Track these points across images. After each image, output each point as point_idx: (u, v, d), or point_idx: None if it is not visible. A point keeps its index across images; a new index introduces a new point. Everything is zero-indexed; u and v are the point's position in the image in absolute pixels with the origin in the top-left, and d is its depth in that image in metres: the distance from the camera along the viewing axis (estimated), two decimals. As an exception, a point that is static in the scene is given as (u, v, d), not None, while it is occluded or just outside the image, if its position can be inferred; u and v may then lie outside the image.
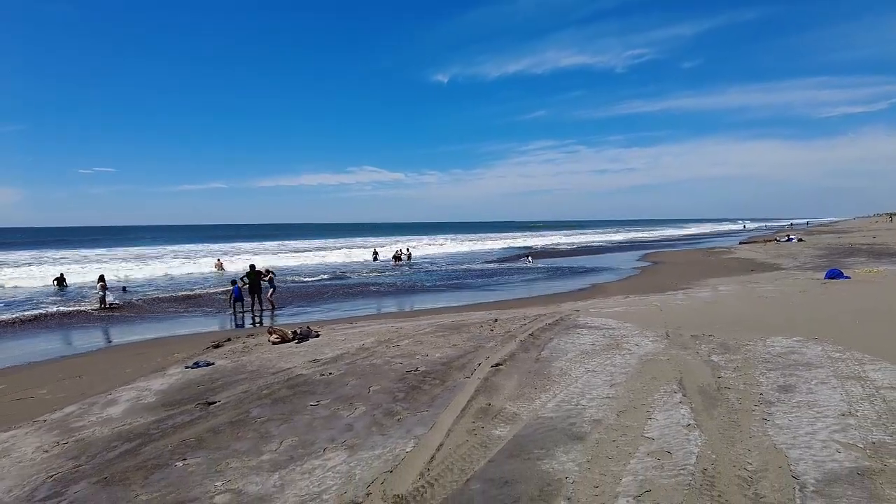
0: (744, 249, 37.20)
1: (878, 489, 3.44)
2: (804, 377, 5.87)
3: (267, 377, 7.68)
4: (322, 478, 4.33)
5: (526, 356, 7.45)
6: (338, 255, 40.76)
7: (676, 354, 7.02)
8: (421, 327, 10.85)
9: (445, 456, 4.47)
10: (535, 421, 5.04)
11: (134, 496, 4.36)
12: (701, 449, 4.17)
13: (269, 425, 5.69)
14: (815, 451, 4.06)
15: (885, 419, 4.58)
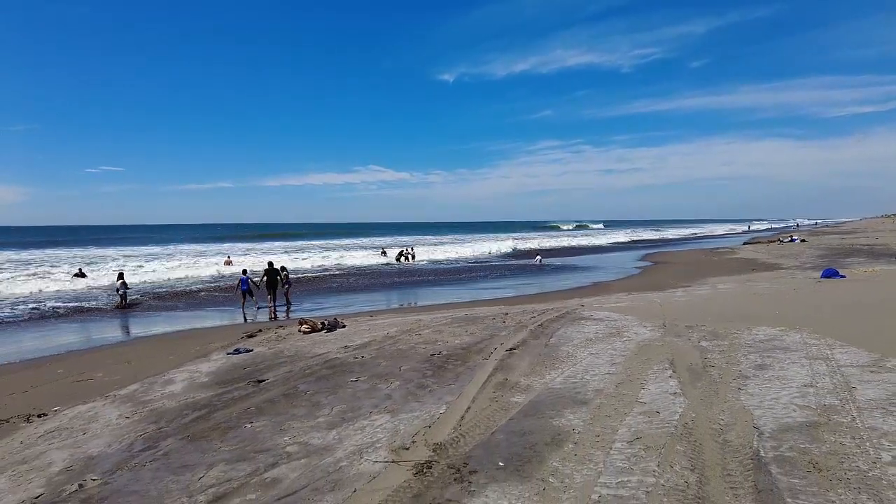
0: (747, 250, 38.00)
1: (819, 435, 4.37)
2: (779, 358, 6.78)
3: (306, 360, 8.64)
4: (373, 432, 5.29)
5: (536, 342, 8.38)
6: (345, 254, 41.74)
7: (670, 341, 7.94)
8: (437, 319, 11.79)
9: (473, 416, 5.42)
10: (546, 391, 5.99)
11: (217, 448, 5.33)
12: (684, 410, 5.10)
13: (318, 396, 6.65)
14: (776, 411, 4.98)
15: (839, 389, 5.49)
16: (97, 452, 5.51)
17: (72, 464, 5.28)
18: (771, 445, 4.28)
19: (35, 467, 5.28)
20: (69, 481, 4.87)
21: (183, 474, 4.76)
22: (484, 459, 4.40)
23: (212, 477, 4.65)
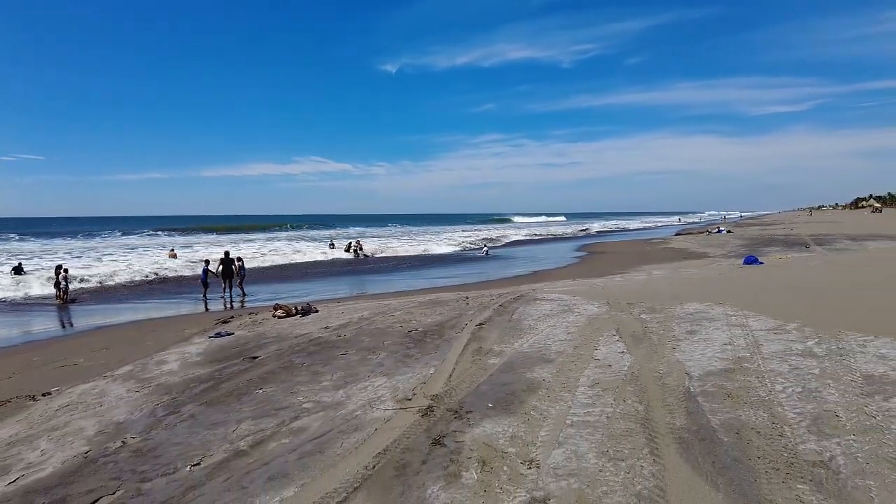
0: (678, 240, 40.76)
1: (733, 376, 5.65)
2: (705, 326, 8.14)
3: (291, 340, 9.40)
4: (375, 390, 6.21)
5: (501, 319, 9.48)
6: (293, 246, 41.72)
7: (615, 315, 9.21)
8: (405, 304, 12.72)
9: (459, 374, 6.44)
10: (517, 354, 7.08)
11: (238, 409, 6.10)
12: (630, 363, 6.30)
13: (315, 367, 7.49)
14: (702, 362, 6.26)
15: (749, 346, 6.85)
16: (123, 419, 6.16)
17: (103, 428, 5.92)
18: (698, 384, 5.52)
19: (68, 432, 5.88)
20: (110, 440, 5.54)
21: (216, 429, 5.54)
22: (475, 403, 5.43)
23: (244, 429, 5.45)
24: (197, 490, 4.24)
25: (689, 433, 4.44)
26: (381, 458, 4.43)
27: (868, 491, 3.48)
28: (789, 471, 3.77)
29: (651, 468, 3.89)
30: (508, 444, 4.45)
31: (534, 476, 3.91)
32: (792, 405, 4.91)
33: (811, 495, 3.46)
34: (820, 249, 26.40)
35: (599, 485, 3.71)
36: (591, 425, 4.68)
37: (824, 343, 6.86)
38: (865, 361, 6.06)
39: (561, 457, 4.16)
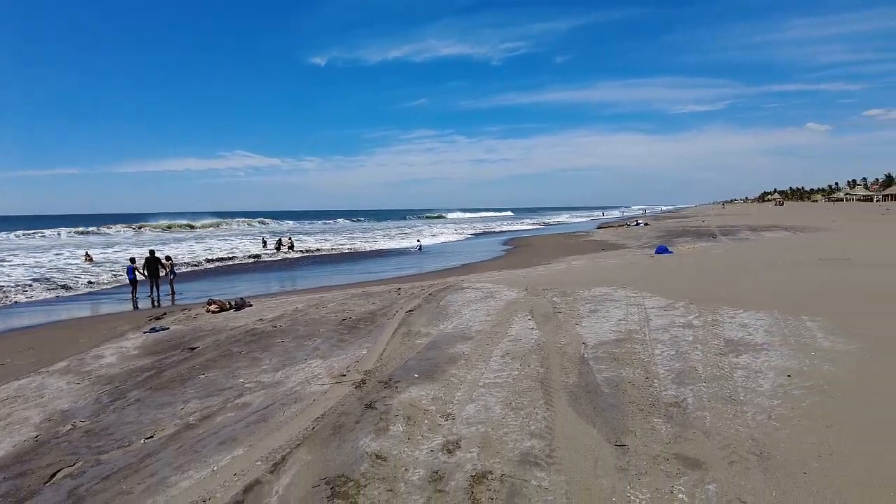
0: (599, 233, 43.08)
1: (622, 345, 6.70)
2: (607, 305, 9.25)
3: (227, 331, 9.79)
4: (312, 370, 6.84)
5: (429, 306, 10.27)
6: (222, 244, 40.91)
7: (530, 299, 10.20)
8: (338, 296, 13.27)
9: (389, 353, 7.17)
10: (441, 334, 7.88)
11: (183, 392, 6.57)
12: (538, 337, 7.24)
13: (254, 354, 7.99)
14: (599, 334, 7.29)
15: (640, 321, 7.97)
16: (68, 407, 6.47)
17: (49, 416, 6.23)
18: (591, 352, 6.51)
19: (13, 422, 6.15)
20: (58, 425, 5.89)
21: (164, 409, 6.00)
22: (403, 375, 6.18)
23: (191, 407, 5.96)
24: (153, 457, 4.76)
25: (578, 388, 5.38)
26: (319, 421, 5.10)
27: (704, 420, 4.49)
28: (650, 410, 4.76)
29: (544, 414, 4.77)
30: (430, 404, 5.23)
31: (449, 425, 4.70)
32: (664, 364, 5.96)
33: (662, 425, 4.44)
34: (724, 239, 28.91)
35: (502, 428, 4.55)
36: (499, 385, 5.53)
37: (702, 317, 8.08)
38: (730, 329, 7.28)
39: (473, 410, 4.98)
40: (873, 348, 6.15)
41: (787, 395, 4.95)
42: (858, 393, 4.93)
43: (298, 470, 4.16)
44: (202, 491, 3.97)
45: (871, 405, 4.64)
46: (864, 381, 5.19)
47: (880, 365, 5.63)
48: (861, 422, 4.35)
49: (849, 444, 3.98)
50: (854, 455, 3.83)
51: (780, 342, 6.61)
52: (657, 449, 4.05)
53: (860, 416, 4.44)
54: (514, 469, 3.88)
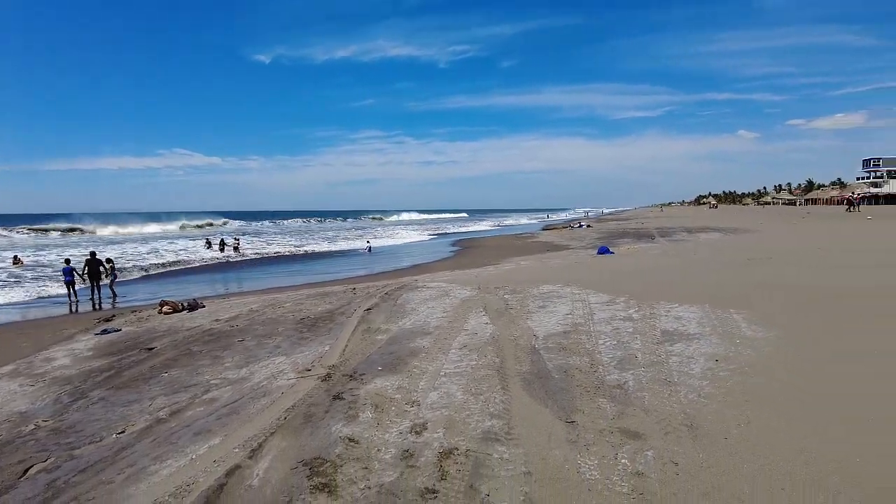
0: (545, 235, 44.34)
1: (569, 336, 7.25)
2: (554, 301, 9.84)
3: (184, 332, 9.80)
4: (276, 366, 7.06)
5: (386, 304, 10.59)
6: (164, 245, 39.69)
7: (483, 296, 10.69)
8: (293, 297, 13.38)
9: (351, 348, 7.47)
10: (401, 330, 8.24)
11: (149, 389, 6.66)
12: (492, 331, 7.71)
13: (215, 353, 8.11)
14: (547, 327, 7.83)
15: (585, 315, 8.57)
16: (25, 409, 6.44)
17: (7, 418, 6.20)
18: (542, 343, 7.04)
19: (-30, 423, 6.10)
20: (19, 426, 5.89)
21: (131, 406, 6.11)
22: (367, 368, 6.50)
23: (159, 403, 6.09)
24: (128, 450, 4.91)
25: (531, 375, 5.87)
26: (290, 412, 5.37)
27: (643, 399, 5.06)
28: (596, 392, 5.29)
29: (501, 398, 5.23)
30: (395, 393, 5.59)
31: (415, 411, 5.08)
32: (607, 352, 6.54)
33: (606, 404, 4.97)
34: (662, 240, 30.43)
35: (464, 411, 4.97)
36: (459, 374, 5.95)
37: (641, 310, 8.76)
38: (666, 322, 7.96)
39: (436, 397, 5.38)
40: (787, 336, 6.94)
41: (714, 377, 5.60)
42: (773, 373, 5.63)
43: (276, 455, 4.44)
44: (185, 476, 4.20)
45: (782, 383, 5.33)
46: (777, 364, 5.91)
47: (792, 350, 6.40)
48: (773, 396, 5.01)
49: (763, 415, 4.61)
50: (766, 423, 4.46)
51: (709, 332, 7.32)
52: (603, 424, 4.56)
53: (773, 392, 5.11)
54: (477, 445, 4.30)
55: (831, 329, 7.29)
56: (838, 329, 7.28)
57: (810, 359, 6.08)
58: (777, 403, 4.85)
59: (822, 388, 5.18)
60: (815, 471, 3.73)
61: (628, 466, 3.88)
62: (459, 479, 3.84)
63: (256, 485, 3.99)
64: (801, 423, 4.44)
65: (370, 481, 3.90)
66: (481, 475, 3.87)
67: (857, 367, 5.77)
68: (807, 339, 6.82)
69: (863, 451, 3.94)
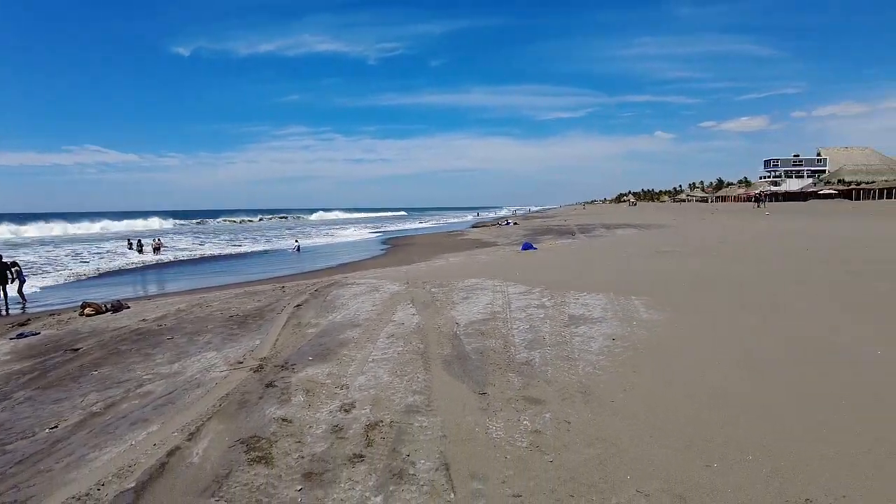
0: (474, 232, 45.47)
1: (488, 322, 7.93)
2: (477, 293, 10.52)
3: (109, 332, 9.73)
4: (208, 361, 7.29)
5: (316, 301, 10.92)
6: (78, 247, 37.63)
7: (412, 290, 11.24)
8: (220, 296, 13.39)
9: (282, 341, 7.81)
10: (331, 324, 8.64)
11: (78, 387, 6.73)
12: (418, 321, 8.27)
13: (145, 350, 8.20)
14: (469, 315, 8.48)
15: (504, 304, 9.30)
16: (-55, 411, 6.38)
17: (-74, 420, 6.13)
18: (463, 329, 7.67)
19: None
20: (-58, 426, 5.86)
21: (62, 403, 6.20)
22: (298, 359, 6.89)
23: (92, 398, 6.21)
24: (64, 441, 5.09)
25: (451, 357, 6.48)
26: (224, 399, 5.70)
27: (546, 373, 5.77)
28: (506, 368, 5.96)
29: (424, 377, 5.79)
30: (326, 378, 6.03)
31: (344, 393, 5.56)
32: (520, 335, 7.25)
33: (515, 378, 5.64)
34: (582, 236, 32.09)
35: (389, 390, 5.50)
36: (386, 360, 6.47)
37: (553, 299, 9.59)
38: (574, 308, 8.81)
39: (364, 380, 5.87)
40: (676, 318, 7.93)
41: (610, 353, 6.41)
42: (659, 349, 6.51)
43: (213, 436, 4.79)
44: (126, 459, 4.48)
45: (667, 356, 6.22)
46: (665, 341, 6.82)
47: (680, 329, 7.35)
48: (657, 368, 5.86)
49: (645, 382, 5.43)
50: (647, 389, 5.27)
51: (611, 316, 8.21)
52: (510, 394, 5.22)
53: (657, 364, 5.96)
54: (400, 417, 4.84)
55: (713, 311, 8.37)
56: (719, 310, 8.37)
57: (692, 336, 7.04)
58: (658, 373, 5.69)
59: (698, 360, 6.09)
60: (679, 422, 4.53)
61: (529, 426, 4.53)
62: (384, 445, 4.37)
63: (197, 462, 4.34)
64: (675, 388, 5.27)
65: (303, 452, 4.35)
66: (403, 440, 4.41)
67: (729, 341, 6.76)
68: (692, 320, 7.82)
69: (717, 406, 4.80)
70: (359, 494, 3.69)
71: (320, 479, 3.93)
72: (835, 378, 5.43)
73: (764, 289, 10.06)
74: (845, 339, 6.72)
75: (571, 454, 4.06)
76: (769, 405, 4.82)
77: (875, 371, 5.58)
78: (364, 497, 3.65)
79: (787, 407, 4.77)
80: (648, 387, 5.33)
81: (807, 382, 5.34)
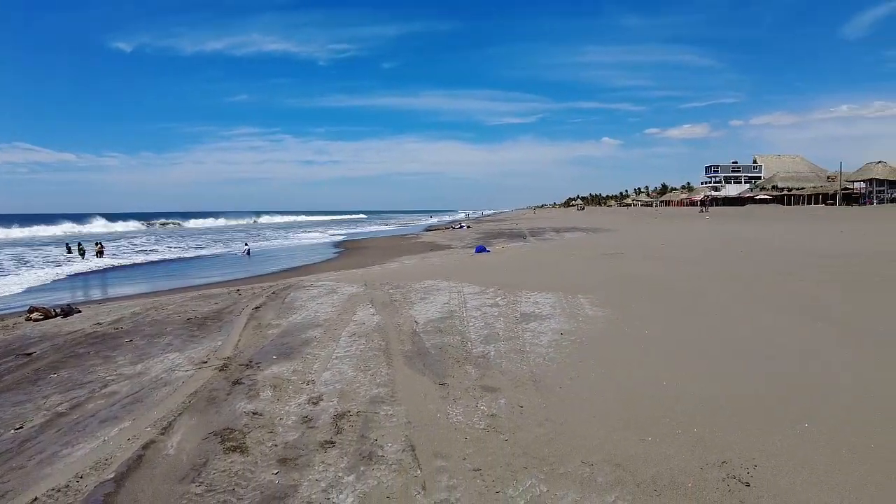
0: (427, 235, 45.93)
1: (445, 320, 8.35)
2: (433, 294, 10.93)
3: (63, 336, 9.61)
4: (172, 361, 7.41)
5: (274, 303, 11.08)
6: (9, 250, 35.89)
7: (370, 292, 11.54)
8: (175, 300, 13.30)
9: (244, 342, 8.00)
10: (291, 325, 8.87)
11: (38, 389, 6.74)
12: (378, 320, 8.61)
13: (104, 353, 8.20)
14: (427, 314, 8.88)
15: (459, 303, 9.74)
16: None
17: None
18: (422, 327, 8.06)
19: None
20: None
21: (23, 405, 6.21)
22: (262, 358, 7.12)
23: (55, 400, 6.26)
24: (32, 441, 5.18)
25: (412, 352, 6.86)
26: (193, 396, 5.89)
27: (500, 364, 6.23)
28: (464, 361, 6.39)
29: (386, 371, 6.15)
30: (292, 375, 6.31)
31: (311, 388, 5.85)
32: (476, 332, 7.70)
33: (472, 370, 6.08)
34: (532, 240, 33.01)
35: (354, 384, 5.83)
36: (349, 356, 6.79)
37: (506, 298, 10.10)
38: (525, 306, 9.33)
39: (329, 375, 6.18)
40: (617, 314, 8.56)
41: (558, 346, 6.94)
42: (601, 342, 7.09)
43: (186, 430, 5.01)
44: (101, 454, 4.65)
45: (608, 348, 6.79)
46: (606, 335, 7.42)
47: (621, 325, 7.98)
48: (599, 358, 6.42)
49: (589, 371, 5.96)
50: (590, 377, 5.80)
51: (559, 313, 8.77)
52: (468, 384, 5.65)
53: (599, 356, 6.53)
54: (366, 407, 5.19)
55: (650, 307, 9.06)
56: (656, 307, 9.07)
57: (630, 330, 7.66)
58: (601, 363, 6.25)
59: (636, 351, 6.69)
60: (618, 405, 5.07)
61: (486, 411, 4.97)
62: (353, 432, 4.71)
63: (173, 453, 4.57)
64: (615, 376, 5.83)
65: (276, 441, 4.64)
66: (371, 427, 4.76)
67: (663, 333, 7.42)
68: (631, 316, 8.47)
69: (651, 391, 5.37)
70: (332, 475, 4.03)
71: (295, 463, 4.24)
72: (752, 362, 6.11)
73: (696, 287, 10.89)
74: (762, 327, 7.49)
75: (524, 433, 4.52)
76: (695, 388, 5.42)
77: (788, 355, 6.30)
78: (338, 477, 3.99)
79: (710, 388, 5.39)
80: (592, 375, 5.86)
81: (728, 366, 6.00)
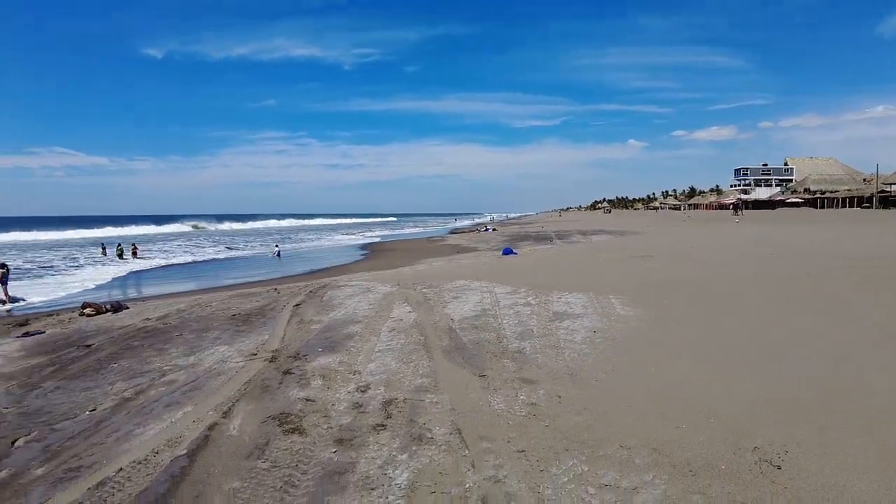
0: (453, 238, 46.27)
1: (479, 318, 8.65)
2: (466, 293, 11.24)
3: (116, 330, 10.18)
4: (222, 353, 7.86)
5: (313, 301, 11.52)
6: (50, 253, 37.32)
7: (404, 291, 11.91)
8: (217, 297, 13.86)
9: (290, 336, 8.42)
10: (332, 321, 9.27)
11: (104, 377, 7.24)
12: (415, 317, 8.95)
13: (158, 345, 8.71)
14: (462, 312, 9.19)
15: (492, 302, 10.03)
16: (-22, 400, 6.82)
17: (-38, 408, 6.58)
18: (458, 324, 8.38)
19: (-75, 415, 6.43)
20: (-19, 413, 6.33)
21: (92, 391, 6.71)
22: (309, 351, 7.51)
23: (120, 387, 6.74)
24: (107, 422, 5.64)
25: (450, 347, 7.18)
26: (248, 385, 6.30)
27: (537, 359, 6.51)
28: (501, 356, 6.68)
29: (428, 364, 6.48)
30: (338, 366, 6.68)
31: (358, 377, 6.21)
32: (510, 329, 7.99)
33: (509, 363, 6.37)
34: (559, 242, 33.10)
35: (398, 374, 6.17)
36: (391, 350, 7.14)
37: (538, 298, 10.35)
38: (557, 305, 9.58)
39: (374, 366, 6.53)
40: (648, 314, 8.76)
41: (592, 343, 7.18)
42: (635, 340, 7.31)
43: (245, 414, 5.40)
44: (171, 433, 5.06)
45: (640, 345, 7.02)
46: (639, 334, 7.63)
47: (653, 323, 8.18)
48: (632, 355, 6.65)
49: (623, 366, 6.20)
50: (624, 372, 6.04)
51: (591, 312, 9.00)
52: (506, 376, 5.95)
53: (632, 352, 6.76)
54: (412, 395, 5.52)
55: (681, 307, 9.23)
56: (687, 307, 9.23)
57: (662, 329, 7.86)
58: (634, 359, 6.48)
59: (668, 348, 6.91)
60: (652, 398, 5.31)
61: (525, 400, 5.26)
62: (402, 417, 5.05)
63: (236, 434, 4.96)
64: (648, 371, 6.07)
65: (331, 424, 5.00)
66: (418, 413, 5.09)
67: (694, 332, 7.60)
68: (663, 316, 8.66)
69: (684, 384, 5.60)
70: (387, 453, 4.36)
71: (351, 443, 4.59)
72: (783, 360, 6.28)
73: (728, 290, 10.99)
74: (795, 329, 7.62)
75: (563, 420, 4.80)
76: (731, 387, 5.63)
77: (823, 358, 6.45)
78: (392, 455, 4.33)
79: (745, 388, 5.58)
80: (625, 370, 6.10)
81: (763, 368, 6.18)
